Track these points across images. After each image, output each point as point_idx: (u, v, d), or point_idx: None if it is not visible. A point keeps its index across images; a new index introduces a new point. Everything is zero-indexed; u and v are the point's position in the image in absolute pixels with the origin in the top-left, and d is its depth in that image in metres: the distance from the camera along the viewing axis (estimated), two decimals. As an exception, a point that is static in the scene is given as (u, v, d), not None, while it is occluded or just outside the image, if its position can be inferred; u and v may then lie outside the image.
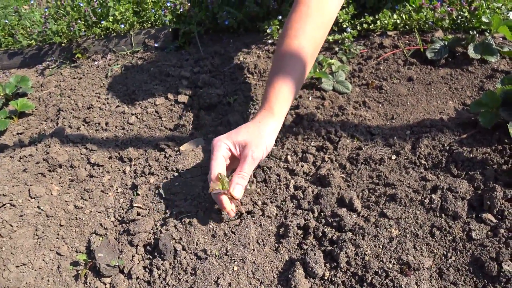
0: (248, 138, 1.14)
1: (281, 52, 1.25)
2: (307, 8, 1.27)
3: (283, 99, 1.20)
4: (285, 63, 1.23)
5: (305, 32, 1.25)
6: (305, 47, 1.25)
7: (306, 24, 1.25)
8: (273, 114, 1.18)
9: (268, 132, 1.15)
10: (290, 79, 1.21)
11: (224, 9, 2.12)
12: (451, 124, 1.35)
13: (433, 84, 1.59)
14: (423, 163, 1.23)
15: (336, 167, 1.27)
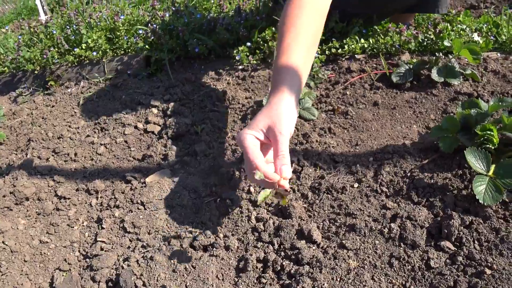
0: (269, 120, 1.11)
1: (280, 41, 1.29)
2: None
3: (290, 78, 1.20)
4: (287, 49, 1.25)
5: (302, 20, 1.31)
6: (303, 33, 1.29)
7: (302, 13, 1.32)
8: (282, 92, 1.16)
9: (285, 107, 1.13)
10: (293, 62, 1.23)
11: (194, 36, 2.13)
12: (413, 149, 1.36)
13: (398, 108, 1.60)
14: (384, 190, 1.23)
15: (298, 197, 1.27)
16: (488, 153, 1.17)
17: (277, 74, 1.22)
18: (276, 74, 1.23)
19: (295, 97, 1.17)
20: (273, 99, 1.15)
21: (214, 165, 1.50)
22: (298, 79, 1.21)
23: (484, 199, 1.10)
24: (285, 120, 1.10)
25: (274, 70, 1.26)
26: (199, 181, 1.46)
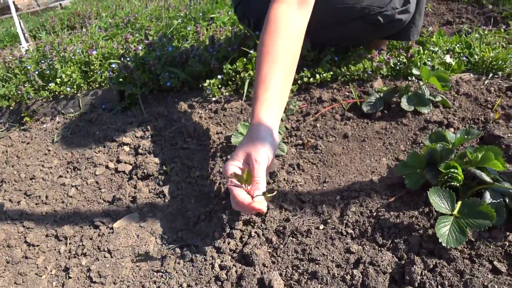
0: (247, 149, 1.18)
1: (258, 70, 1.33)
2: (275, 26, 1.38)
3: (267, 107, 1.26)
4: (264, 78, 1.30)
5: (277, 47, 1.35)
6: (279, 60, 1.34)
7: (277, 40, 1.36)
8: (260, 121, 1.23)
9: (262, 136, 1.19)
10: (270, 91, 1.28)
11: (166, 69, 2.12)
12: (380, 186, 1.34)
13: (368, 140, 1.58)
14: (350, 232, 1.21)
15: (263, 241, 1.24)
16: (452, 191, 1.15)
17: (256, 103, 1.27)
18: (254, 103, 1.28)
19: (272, 126, 1.24)
20: (251, 129, 1.23)
21: (182, 208, 1.48)
22: (276, 108, 1.28)
23: (448, 242, 1.08)
24: (261, 148, 1.17)
25: (253, 99, 1.30)
26: (166, 225, 1.43)
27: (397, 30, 2.02)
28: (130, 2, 4.47)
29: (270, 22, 1.39)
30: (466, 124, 1.68)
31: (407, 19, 1.94)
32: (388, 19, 1.86)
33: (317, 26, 1.93)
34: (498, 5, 3.48)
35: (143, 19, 3.25)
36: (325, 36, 2.01)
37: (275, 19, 1.39)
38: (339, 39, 2.04)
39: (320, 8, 1.86)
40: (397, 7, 1.86)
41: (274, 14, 1.40)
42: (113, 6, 4.42)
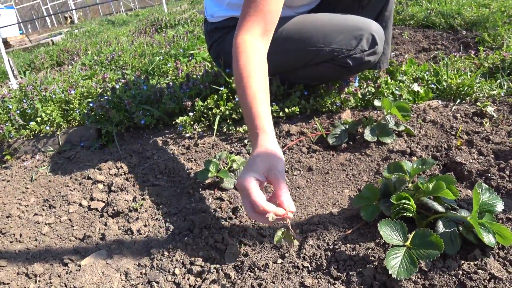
0: (268, 162, 1.19)
1: (245, 90, 1.37)
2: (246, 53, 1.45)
3: (268, 122, 1.30)
4: (255, 97, 1.34)
5: (253, 67, 1.42)
6: (262, 81, 1.41)
7: (253, 61, 1.43)
8: (268, 134, 1.26)
9: (276, 148, 1.24)
10: (266, 107, 1.34)
11: (141, 107, 2.16)
12: (339, 218, 1.36)
13: (331, 173, 1.61)
14: (306, 266, 1.22)
15: (221, 276, 1.26)
16: (403, 223, 1.17)
17: (257, 120, 1.30)
18: (254, 120, 1.30)
19: (273, 130, 1.30)
20: (263, 142, 1.24)
21: (147, 245, 1.49)
22: (271, 121, 1.33)
23: (398, 273, 1.09)
24: (281, 159, 1.20)
25: (251, 117, 1.32)
26: (132, 262, 1.45)
27: (365, 69, 2.07)
28: (118, 39, 4.57)
29: (241, 50, 1.46)
30: (429, 151, 1.71)
31: (375, 60, 1.97)
32: (357, 61, 1.90)
33: (288, 67, 1.98)
34: (471, 30, 3.57)
35: (126, 57, 3.32)
36: (295, 76, 2.07)
37: (244, 47, 1.46)
38: (309, 79, 2.09)
39: (291, 49, 1.93)
40: (366, 49, 1.90)
41: (242, 43, 1.48)
42: (101, 43, 4.52)
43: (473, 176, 1.56)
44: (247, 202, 1.14)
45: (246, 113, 1.36)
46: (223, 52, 2.15)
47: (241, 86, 1.41)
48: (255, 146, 1.24)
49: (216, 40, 2.17)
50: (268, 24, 1.51)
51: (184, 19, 5.98)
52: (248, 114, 1.34)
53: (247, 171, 1.17)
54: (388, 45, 2.25)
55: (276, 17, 1.53)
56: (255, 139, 1.27)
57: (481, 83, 2.21)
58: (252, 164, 1.19)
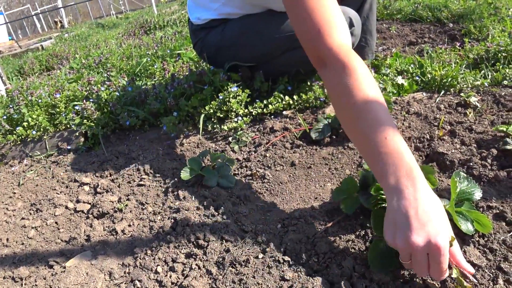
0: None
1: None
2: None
3: (407, 155, 1.06)
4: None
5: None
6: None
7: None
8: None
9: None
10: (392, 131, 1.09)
11: (126, 109, 2.16)
12: (320, 212, 1.36)
13: (314, 167, 1.61)
14: (287, 260, 1.22)
15: (203, 273, 1.26)
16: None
17: (388, 154, 1.07)
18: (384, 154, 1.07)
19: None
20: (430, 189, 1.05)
21: (131, 244, 1.49)
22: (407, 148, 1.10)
23: (375, 265, 1.10)
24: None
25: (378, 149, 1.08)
26: (116, 262, 1.45)
27: None
28: (106, 41, 4.56)
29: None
30: (412, 143, 1.71)
31: (353, 42, 2.00)
32: None
33: (269, 55, 2.01)
34: (458, 23, 3.57)
35: (114, 59, 3.33)
36: (277, 64, 2.08)
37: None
38: (290, 66, 2.10)
39: (271, 37, 1.95)
40: None
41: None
42: (90, 46, 4.51)
43: (456, 166, 1.57)
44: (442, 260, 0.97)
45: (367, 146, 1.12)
46: (206, 47, 2.19)
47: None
48: (426, 193, 1.03)
49: (200, 38, 2.22)
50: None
51: (173, 20, 5.99)
52: (372, 150, 1.11)
53: (447, 227, 1.00)
54: (371, 37, 2.26)
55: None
56: (420, 185, 1.04)
57: (464, 74, 2.21)
58: (443, 218, 1.02)
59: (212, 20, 2.13)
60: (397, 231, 1.00)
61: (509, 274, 1.09)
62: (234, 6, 2.03)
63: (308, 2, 1.26)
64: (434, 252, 0.96)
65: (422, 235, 0.96)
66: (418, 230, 0.97)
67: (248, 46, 2.06)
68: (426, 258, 0.98)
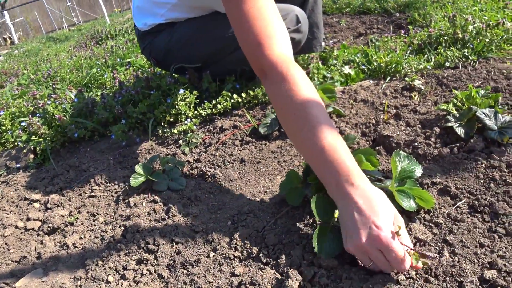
0: (392, 208, 1.10)
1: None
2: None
3: (346, 159, 1.10)
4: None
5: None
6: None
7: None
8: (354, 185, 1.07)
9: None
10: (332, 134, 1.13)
11: (73, 121, 2.12)
12: (269, 205, 1.36)
13: (263, 161, 1.61)
14: (237, 255, 1.22)
15: (155, 278, 1.24)
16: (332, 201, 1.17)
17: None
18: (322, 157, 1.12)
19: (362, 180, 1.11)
20: (371, 187, 1.08)
21: (83, 257, 1.46)
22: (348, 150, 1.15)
23: (320, 250, 1.10)
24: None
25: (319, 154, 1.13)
26: (68, 276, 1.41)
27: (295, 49, 2.10)
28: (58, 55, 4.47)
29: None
30: (358, 129, 1.74)
31: (300, 38, 2.02)
32: None
33: (218, 55, 2.00)
34: (404, 12, 3.66)
35: (63, 72, 3.25)
36: (225, 63, 2.07)
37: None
38: (238, 64, 2.10)
39: (219, 37, 1.95)
40: (289, 27, 1.95)
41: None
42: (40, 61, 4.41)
43: (402, 147, 1.59)
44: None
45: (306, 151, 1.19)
46: (155, 50, 2.19)
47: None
48: (373, 192, 1.08)
49: (148, 42, 2.20)
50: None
51: (125, 28, 5.91)
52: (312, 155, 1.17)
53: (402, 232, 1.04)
54: (318, 30, 2.28)
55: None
56: (363, 183, 1.09)
57: (408, 59, 2.26)
58: (392, 215, 1.06)
59: (159, 24, 2.11)
60: (347, 238, 1.05)
61: (454, 246, 1.12)
62: (180, 11, 2.02)
63: (248, 11, 1.28)
64: (383, 247, 0.99)
65: (365, 235, 1.00)
66: (362, 231, 1.01)
67: (196, 47, 2.05)
68: (381, 255, 1.01)
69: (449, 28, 2.51)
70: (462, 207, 1.27)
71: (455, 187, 1.35)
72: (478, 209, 1.24)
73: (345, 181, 1.06)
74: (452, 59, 2.24)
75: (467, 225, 1.20)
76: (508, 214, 1.20)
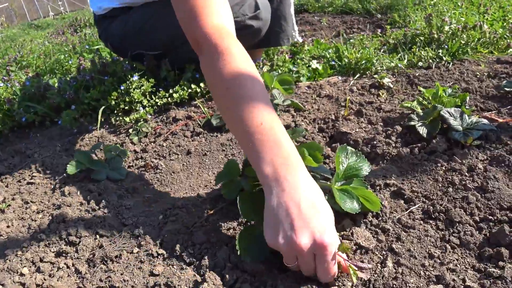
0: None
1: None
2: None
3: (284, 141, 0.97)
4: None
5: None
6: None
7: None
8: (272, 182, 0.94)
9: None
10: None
11: (23, 105, 2.00)
12: (204, 200, 1.27)
13: (210, 154, 1.51)
14: (161, 253, 1.12)
15: (71, 272, 1.13)
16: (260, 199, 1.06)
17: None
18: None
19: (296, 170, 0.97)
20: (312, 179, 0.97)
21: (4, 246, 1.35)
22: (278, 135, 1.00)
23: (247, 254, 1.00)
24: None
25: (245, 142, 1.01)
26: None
27: (255, 38, 2.00)
28: (33, 41, 4.35)
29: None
30: (316, 124, 1.64)
31: (260, 26, 1.93)
32: (238, 25, 1.85)
33: (175, 42, 1.91)
34: (386, 14, 3.59)
35: (30, 57, 3.14)
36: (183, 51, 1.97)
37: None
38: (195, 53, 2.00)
39: (175, 23, 1.85)
40: (247, 13, 1.87)
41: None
42: (14, 47, 4.29)
43: (360, 145, 1.50)
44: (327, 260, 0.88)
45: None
46: (111, 36, 2.11)
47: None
48: (306, 182, 0.95)
49: (104, 27, 2.10)
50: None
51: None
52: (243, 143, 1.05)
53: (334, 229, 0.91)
54: (286, 22, 2.19)
55: None
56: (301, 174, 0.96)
57: (378, 57, 2.17)
58: (328, 211, 0.93)
59: (114, 8, 2.02)
60: (279, 232, 0.90)
61: (400, 255, 1.02)
62: None
63: None
64: (321, 252, 0.86)
65: (306, 234, 0.86)
66: (302, 229, 0.87)
67: (152, 33, 1.95)
68: (313, 259, 0.89)
69: (425, 28, 2.42)
70: (416, 213, 1.17)
71: (410, 190, 1.25)
72: (432, 215, 1.14)
73: (282, 165, 0.93)
74: (425, 59, 2.15)
75: (418, 232, 1.09)
76: (465, 222, 1.10)
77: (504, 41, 2.32)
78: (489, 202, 1.15)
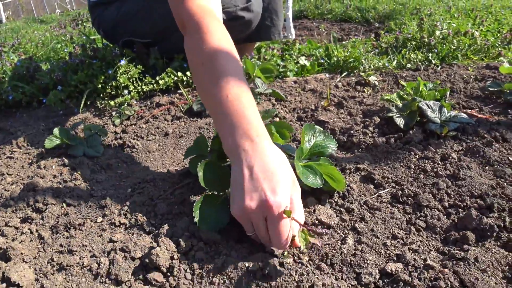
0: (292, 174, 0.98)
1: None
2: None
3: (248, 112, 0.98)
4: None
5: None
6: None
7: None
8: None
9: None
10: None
11: (12, 84, 2.03)
12: (174, 175, 1.27)
13: (186, 136, 1.52)
14: (124, 222, 1.12)
15: (34, 238, 1.13)
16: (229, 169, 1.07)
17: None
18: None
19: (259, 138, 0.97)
20: (276, 148, 0.97)
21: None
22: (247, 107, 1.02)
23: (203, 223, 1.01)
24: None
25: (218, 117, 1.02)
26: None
27: (246, 30, 2.02)
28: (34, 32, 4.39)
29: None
30: (295, 113, 1.65)
31: (251, 18, 1.95)
32: (229, 15, 1.87)
33: (166, 31, 1.93)
34: (384, 23, 3.61)
35: (28, 45, 3.18)
36: (174, 40, 1.99)
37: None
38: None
39: (167, 12, 1.87)
40: (238, 5, 1.89)
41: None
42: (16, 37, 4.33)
43: (337, 134, 1.51)
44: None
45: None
46: (103, 23, 2.13)
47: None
48: (274, 152, 0.96)
49: (98, 14, 2.13)
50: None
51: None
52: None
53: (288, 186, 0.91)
54: (277, 17, 2.21)
55: None
56: (265, 142, 0.97)
57: (367, 56, 2.19)
58: (289, 175, 0.94)
59: None
60: (234, 198, 0.91)
61: (362, 234, 1.02)
62: None
63: None
64: (267, 213, 0.86)
65: (255, 197, 0.86)
66: (251, 192, 0.87)
67: (144, 21, 1.98)
68: (264, 222, 0.88)
69: (416, 32, 2.44)
70: (384, 196, 1.16)
71: (381, 176, 1.25)
72: (400, 199, 1.14)
73: (243, 134, 0.93)
74: (414, 61, 2.17)
75: (384, 214, 1.09)
76: (433, 207, 1.10)
77: (495, 49, 2.33)
78: (460, 190, 1.14)
